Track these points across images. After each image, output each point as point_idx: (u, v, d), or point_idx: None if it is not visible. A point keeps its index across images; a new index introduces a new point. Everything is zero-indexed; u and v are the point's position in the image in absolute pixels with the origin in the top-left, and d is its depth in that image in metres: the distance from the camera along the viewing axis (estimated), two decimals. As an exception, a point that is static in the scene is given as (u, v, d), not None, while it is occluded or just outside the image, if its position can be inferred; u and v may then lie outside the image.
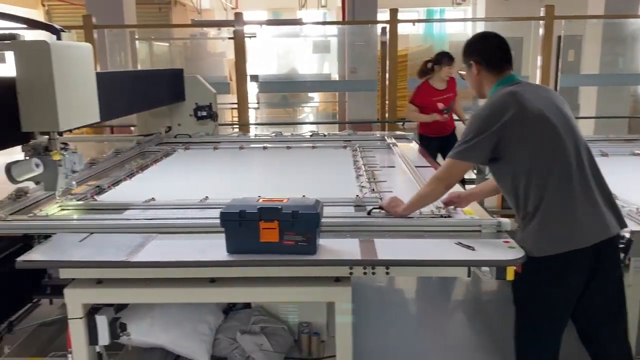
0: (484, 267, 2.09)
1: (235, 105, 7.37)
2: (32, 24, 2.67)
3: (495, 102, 2.25)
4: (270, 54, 10.75)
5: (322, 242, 2.13)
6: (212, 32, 13.14)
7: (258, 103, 8.31)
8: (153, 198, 2.80)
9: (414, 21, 8.57)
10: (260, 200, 2.14)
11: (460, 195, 2.58)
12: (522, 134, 2.16)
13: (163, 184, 3.36)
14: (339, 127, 8.63)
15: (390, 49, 6.23)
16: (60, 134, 2.64)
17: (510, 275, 2.02)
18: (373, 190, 2.90)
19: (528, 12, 8.03)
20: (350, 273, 2.09)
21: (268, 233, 2.05)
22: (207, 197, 2.82)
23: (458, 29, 17.06)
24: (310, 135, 4.85)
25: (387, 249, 2.11)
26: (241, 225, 2.07)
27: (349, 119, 8.25)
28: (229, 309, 2.77)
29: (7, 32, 2.62)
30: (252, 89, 7.19)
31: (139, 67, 8.61)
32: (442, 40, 15.46)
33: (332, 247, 2.13)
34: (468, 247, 2.10)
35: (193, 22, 10.04)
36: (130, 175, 3.46)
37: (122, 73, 4.05)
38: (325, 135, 4.85)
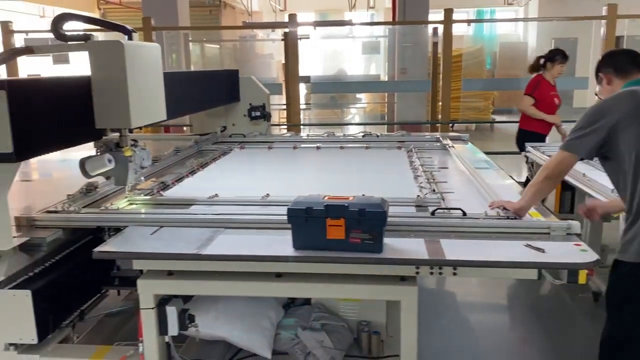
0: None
1: (284, 106, 7.47)
2: (106, 25, 2.77)
3: (611, 97, 2.26)
4: (319, 55, 10.82)
5: (386, 240, 2.13)
6: (260, 34, 13.34)
7: (307, 104, 8.39)
8: (216, 194, 2.87)
9: (469, 21, 8.44)
10: (326, 198, 2.16)
11: (596, 205, 2.62)
12: (632, 132, 2.13)
13: (223, 181, 3.43)
14: (387, 128, 8.61)
15: (445, 50, 6.16)
16: (130, 131, 2.74)
17: (582, 278, 1.97)
18: (434, 190, 2.88)
19: (583, 12, 7.79)
20: (417, 273, 2.09)
21: (334, 230, 2.07)
22: (268, 194, 2.86)
23: (508, 29, 16.73)
24: (363, 136, 4.85)
25: (454, 249, 2.09)
26: (307, 221, 2.10)
27: (397, 120, 8.21)
28: (289, 305, 2.81)
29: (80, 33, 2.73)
30: (301, 89, 7.27)
31: (192, 68, 8.83)
32: (493, 41, 15.20)
33: (397, 246, 2.13)
34: (538, 249, 2.06)
35: (244, 24, 10.20)
36: (192, 172, 3.56)
37: (184, 73, 4.17)
38: (378, 136, 4.84)
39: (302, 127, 7.73)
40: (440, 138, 4.63)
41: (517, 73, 14.58)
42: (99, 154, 2.68)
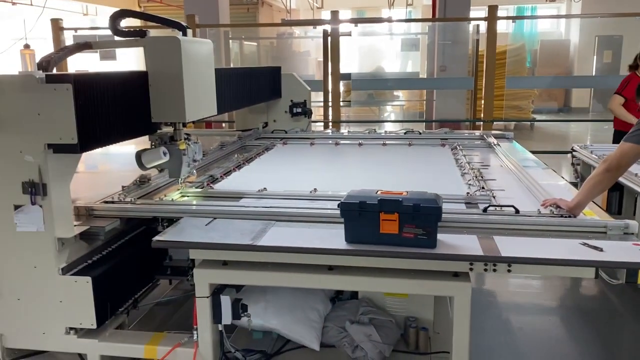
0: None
1: (320, 103, 7.49)
2: (162, 21, 2.84)
3: None
4: (357, 53, 10.81)
5: (439, 236, 2.13)
6: (297, 31, 13.40)
7: (345, 101, 8.39)
8: (265, 188, 2.91)
9: (514, 18, 8.32)
10: (379, 193, 2.17)
11: None
12: None
13: (269, 175, 3.48)
14: (425, 125, 8.54)
15: (488, 47, 6.07)
16: (184, 125, 2.81)
17: (642, 279, 1.93)
18: (483, 188, 2.86)
19: (629, 8, 7.57)
20: (470, 269, 2.08)
21: (388, 225, 2.09)
22: (315, 189, 2.89)
23: (549, 26, 16.36)
24: (405, 133, 4.84)
25: (508, 246, 2.08)
26: (361, 215, 2.11)
27: (436, 118, 8.14)
28: (336, 299, 2.83)
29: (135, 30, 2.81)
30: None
31: (231, 65, 8.94)
32: (533, 39, 14.90)
33: (450, 242, 2.13)
34: (595, 248, 2.03)
35: (283, 21, 10.28)
36: (238, 166, 3.62)
37: (231, 70, 4.23)
38: (420, 133, 4.82)
39: (341, 124, 7.75)
40: (485, 136, 4.58)
41: (559, 71, 14.30)
42: (153, 147, 2.76)
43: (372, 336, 2.52)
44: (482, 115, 6.29)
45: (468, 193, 2.76)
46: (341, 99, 7.44)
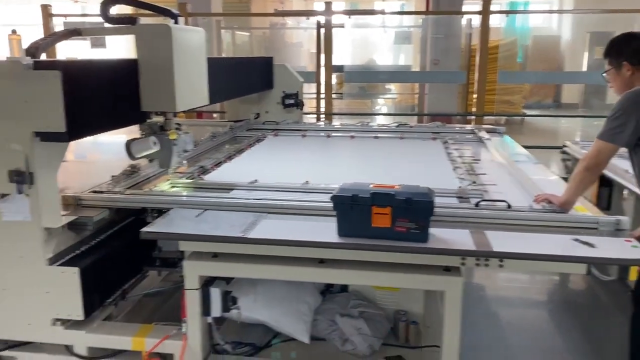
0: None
1: (313, 95, 7.46)
2: (152, 9, 2.79)
3: None
4: (350, 45, 10.76)
5: (431, 230, 2.12)
6: (290, 22, 13.33)
7: (337, 93, 8.36)
8: (256, 180, 2.88)
9: (507, 12, 8.30)
10: (372, 186, 2.16)
11: None
12: None
13: (259, 167, 3.45)
14: (417, 119, 8.54)
15: (482, 41, 6.06)
16: (175, 114, 2.77)
17: (633, 275, 1.94)
18: (474, 182, 2.85)
19: (622, 4, 7.58)
20: (462, 263, 2.08)
21: (380, 218, 2.07)
22: (307, 181, 2.86)
23: (541, 22, 16.40)
24: (397, 126, 4.82)
25: (500, 241, 2.07)
26: (353, 209, 2.10)
27: (427, 111, 8.14)
28: (326, 292, 2.82)
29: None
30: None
31: (223, 55, 8.87)
32: (525, 34, 14.92)
33: (442, 236, 2.12)
34: (587, 244, 2.03)
35: (276, 11, 10.21)
36: (229, 157, 3.58)
37: (222, 59, 4.19)
38: (412, 127, 4.81)
39: (333, 116, 7.73)
40: (476, 130, 4.57)
41: (550, 67, 14.34)
42: (144, 136, 2.72)
43: (362, 329, 2.52)
44: (474, 109, 6.29)
45: (460, 187, 2.75)
46: (335, 92, 7.43)
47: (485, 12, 5.93)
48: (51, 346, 2.44)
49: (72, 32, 2.76)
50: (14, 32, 9.28)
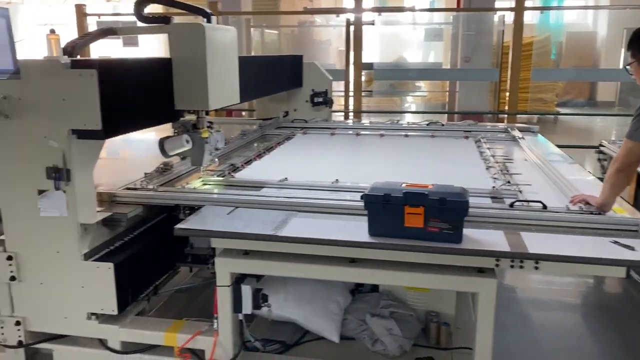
0: None
1: (341, 93, 7.43)
2: (186, 8, 2.82)
3: None
4: (379, 42, 10.70)
5: (464, 231, 2.08)
6: (319, 20, 13.32)
7: (366, 91, 8.31)
8: (286, 178, 2.88)
9: (542, 8, 8.13)
10: (404, 185, 2.13)
11: None
12: None
13: (289, 165, 3.45)
14: (447, 117, 8.44)
15: (515, 38, 5.94)
16: (207, 113, 2.79)
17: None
18: (509, 182, 2.80)
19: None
20: (496, 265, 2.04)
21: (413, 218, 2.05)
22: (337, 180, 2.85)
23: (576, 18, 16.01)
24: (428, 124, 4.77)
25: (536, 243, 2.03)
26: (385, 208, 2.08)
27: (458, 109, 8.03)
28: (356, 291, 2.81)
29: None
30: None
31: (252, 54, 8.92)
32: (559, 30, 14.60)
33: (476, 237, 2.09)
34: (627, 246, 1.97)
35: (306, 9, 10.22)
36: (259, 155, 3.59)
37: (253, 58, 4.20)
38: (443, 125, 4.75)
39: (362, 114, 7.69)
40: (509, 129, 4.49)
41: (585, 64, 13.99)
42: (176, 134, 2.75)
43: (393, 330, 2.50)
44: (506, 108, 6.17)
45: (494, 187, 2.70)
46: (364, 89, 7.39)
47: (519, 9, 5.81)
48: (86, 340, 2.48)
49: (108, 31, 2.81)
50: (52, 31, 9.50)
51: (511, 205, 2.37)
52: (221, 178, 2.92)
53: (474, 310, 2.22)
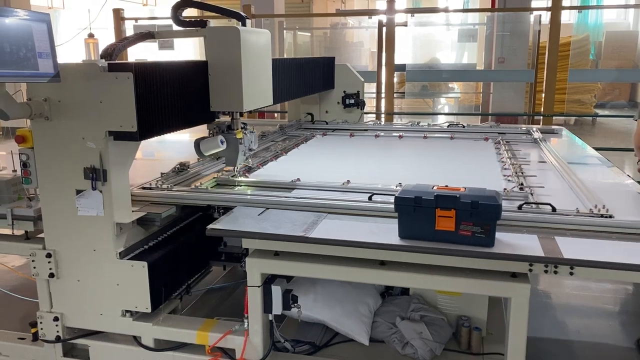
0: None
1: (373, 95, 7.40)
2: (221, 12, 2.86)
3: None
4: (412, 43, 10.60)
5: (496, 235, 2.05)
6: (351, 22, 13.31)
7: (399, 92, 8.26)
8: (298, 179, 2.85)
9: (580, 8, 7.94)
10: (435, 188, 2.11)
11: None
12: None
13: (305, 166, 3.41)
14: (481, 119, 8.31)
15: (552, 38, 5.81)
16: (241, 114, 2.82)
17: None
18: (522, 184, 2.73)
19: None
20: (530, 270, 2.00)
21: (444, 221, 2.03)
22: (348, 180, 2.78)
23: (615, 17, 15.57)
24: (448, 126, 4.70)
25: (572, 248, 1.98)
26: (416, 211, 2.06)
27: (492, 111, 7.90)
28: (386, 294, 2.80)
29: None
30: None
31: (285, 56, 8.97)
32: (598, 30, 14.23)
33: (509, 241, 2.05)
34: (668, 253, 1.91)
35: (338, 11, 10.21)
36: (275, 156, 3.58)
37: (286, 60, 4.22)
38: (464, 127, 4.67)
39: (393, 115, 7.65)
40: (532, 131, 4.39)
41: (625, 64, 13.59)
42: (211, 135, 2.79)
43: (423, 333, 2.47)
44: (541, 109, 6.05)
45: (505, 189, 2.62)
46: (396, 91, 7.35)
47: (555, 8, 5.68)
48: (120, 336, 2.54)
49: (146, 35, 2.88)
50: (91, 35, 9.76)
51: (519, 207, 2.31)
52: (253, 179, 2.94)
53: (506, 315, 2.17)
